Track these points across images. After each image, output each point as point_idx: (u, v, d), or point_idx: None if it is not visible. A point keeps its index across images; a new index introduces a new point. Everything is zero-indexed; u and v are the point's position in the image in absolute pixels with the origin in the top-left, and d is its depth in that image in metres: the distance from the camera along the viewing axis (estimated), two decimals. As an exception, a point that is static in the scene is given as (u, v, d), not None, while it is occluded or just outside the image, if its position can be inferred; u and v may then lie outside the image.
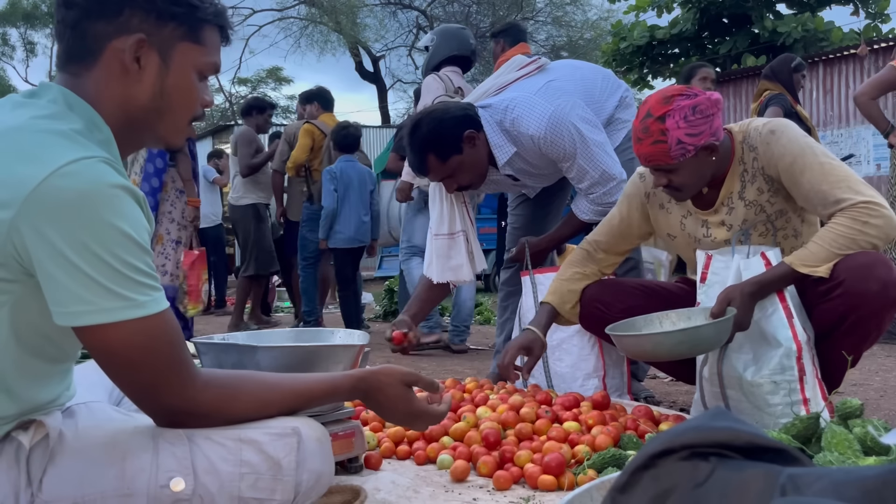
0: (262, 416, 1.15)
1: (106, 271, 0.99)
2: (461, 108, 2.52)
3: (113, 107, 1.10)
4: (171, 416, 1.10)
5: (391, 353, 4.17)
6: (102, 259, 0.99)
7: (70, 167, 0.98)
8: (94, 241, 0.98)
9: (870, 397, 2.67)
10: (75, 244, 0.98)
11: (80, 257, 0.98)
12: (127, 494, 1.06)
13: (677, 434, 0.73)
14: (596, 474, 1.61)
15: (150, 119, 1.14)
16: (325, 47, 18.31)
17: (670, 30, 13.89)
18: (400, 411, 1.27)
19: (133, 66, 1.09)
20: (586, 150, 2.44)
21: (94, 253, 0.98)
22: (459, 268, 2.64)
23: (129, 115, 1.12)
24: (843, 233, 1.77)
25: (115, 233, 1.00)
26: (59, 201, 0.97)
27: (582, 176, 2.48)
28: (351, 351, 1.63)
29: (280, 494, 1.12)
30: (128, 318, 1.01)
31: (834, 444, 1.45)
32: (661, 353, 1.89)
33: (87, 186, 0.98)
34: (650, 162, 1.93)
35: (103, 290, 0.99)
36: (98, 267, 0.99)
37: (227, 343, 1.69)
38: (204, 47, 1.15)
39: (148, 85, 1.11)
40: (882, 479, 0.61)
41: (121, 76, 1.10)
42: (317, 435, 1.17)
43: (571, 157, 2.44)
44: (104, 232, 0.99)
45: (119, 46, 1.09)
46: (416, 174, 2.60)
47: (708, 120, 1.87)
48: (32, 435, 1.06)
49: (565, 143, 2.42)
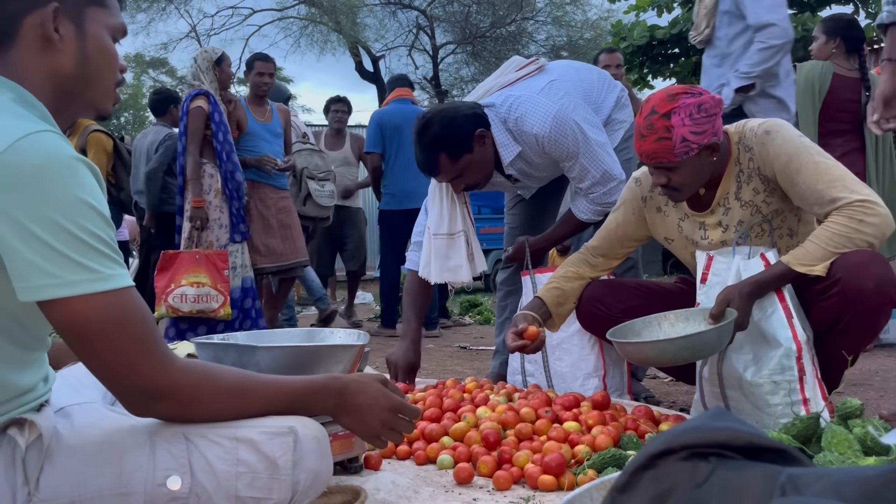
0: (244, 408, 1.14)
1: (71, 242, 0.98)
2: (470, 107, 2.51)
3: (40, 82, 1.10)
4: (147, 400, 1.07)
5: (391, 354, 4.16)
6: (67, 230, 0.98)
7: (22, 142, 0.97)
8: (58, 212, 0.98)
9: (870, 397, 2.67)
10: (38, 217, 0.97)
11: (43, 230, 0.97)
12: (123, 493, 1.06)
13: (677, 434, 0.73)
14: (596, 474, 1.61)
15: (79, 87, 1.14)
16: (325, 47, 18.29)
17: (670, 30, 13.88)
18: (381, 406, 1.24)
19: (55, 36, 1.10)
20: (589, 149, 2.44)
21: (58, 224, 0.97)
22: (458, 268, 2.63)
23: (57, 87, 1.12)
24: (839, 231, 1.78)
25: (79, 203, 0.99)
26: (18, 176, 0.96)
27: (583, 175, 2.48)
28: (351, 351, 1.63)
29: (277, 494, 1.12)
30: (96, 290, 1.00)
31: (834, 444, 1.45)
32: (664, 360, 1.89)
33: (45, 160, 0.98)
34: (653, 159, 1.93)
35: (69, 261, 0.98)
36: (63, 238, 0.98)
37: (226, 343, 1.69)
38: (108, 9, 1.17)
39: (70, 54, 1.12)
40: (882, 479, 0.61)
41: (42, 50, 1.10)
42: (314, 434, 1.17)
43: (574, 156, 2.44)
44: (67, 203, 0.99)
45: (34, 21, 1.09)
46: (424, 174, 2.58)
47: (711, 119, 1.88)
48: (28, 434, 1.05)
49: (569, 142, 2.42)
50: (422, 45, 18.04)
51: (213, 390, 1.12)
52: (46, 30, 1.09)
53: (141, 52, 23.55)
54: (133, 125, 26.07)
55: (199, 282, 3.89)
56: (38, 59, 1.10)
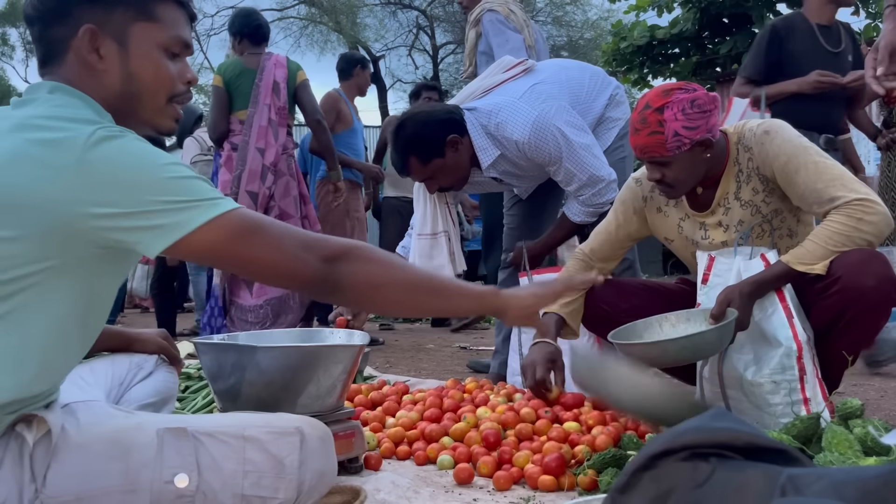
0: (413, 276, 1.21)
1: (181, 186, 1.04)
2: (447, 112, 2.54)
3: (95, 100, 1.12)
4: (330, 266, 1.11)
5: (391, 353, 4.17)
6: (169, 180, 1.04)
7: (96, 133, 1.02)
8: (166, 175, 1.04)
9: (870, 397, 2.66)
10: (139, 189, 1.02)
11: (152, 194, 1.02)
12: (130, 490, 1.06)
13: (677, 435, 0.73)
14: (596, 474, 1.61)
15: (129, 105, 1.15)
16: (325, 47, 18.30)
17: (670, 30, 13.89)
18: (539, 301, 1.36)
19: (92, 57, 1.11)
20: (572, 153, 2.44)
21: (158, 180, 1.03)
22: (441, 268, 2.66)
23: (109, 105, 1.13)
24: (839, 230, 1.78)
25: (161, 158, 1.05)
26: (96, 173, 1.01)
27: (570, 179, 2.48)
28: (351, 351, 1.63)
29: (283, 493, 1.12)
30: (234, 206, 1.07)
31: (834, 445, 1.45)
32: (666, 360, 1.89)
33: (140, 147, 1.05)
34: (645, 153, 1.94)
35: (205, 189, 1.06)
36: (172, 187, 1.03)
37: (226, 343, 1.69)
38: (161, 23, 1.15)
39: (114, 72, 1.13)
40: (882, 479, 0.62)
41: (87, 71, 1.12)
42: (319, 434, 1.17)
43: (557, 161, 2.45)
44: (166, 169, 1.04)
45: (77, 45, 1.11)
46: (398, 174, 2.64)
47: (705, 115, 1.88)
48: (36, 430, 1.06)
49: (550, 147, 2.42)
50: (422, 45, 18.05)
51: (379, 255, 1.19)
52: (83, 52, 1.11)
53: (141, 51, 23.50)
54: (133, 125, 26.06)
55: None
56: (87, 80, 1.12)
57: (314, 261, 1.10)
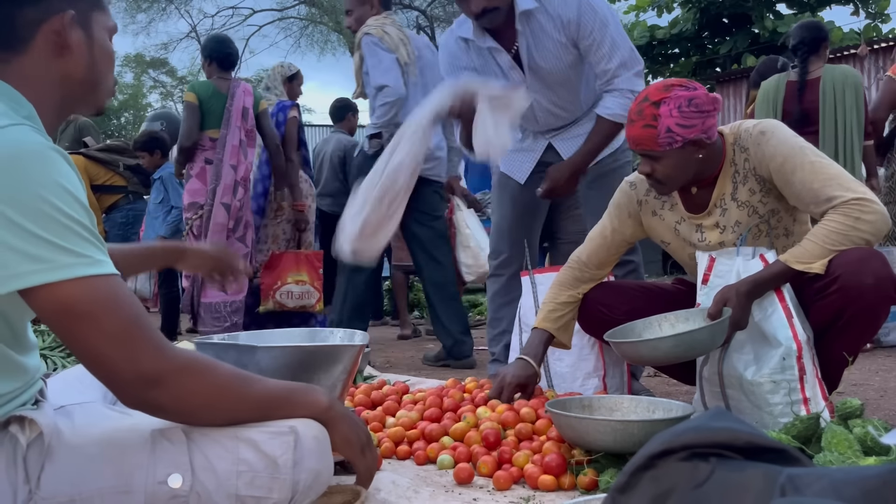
0: (240, 399, 1.13)
1: (54, 227, 0.97)
2: None
3: (49, 86, 1.12)
4: (141, 387, 1.04)
5: (391, 354, 4.17)
6: (48, 215, 0.97)
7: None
8: (37, 198, 0.96)
9: (870, 397, 2.66)
10: (17, 204, 0.95)
11: (24, 217, 0.96)
12: (124, 491, 1.06)
13: (677, 434, 0.73)
14: (596, 474, 1.61)
15: (86, 90, 1.17)
16: (325, 47, 18.32)
17: (670, 30, 13.90)
18: (364, 431, 1.28)
19: (71, 42, 1.12)
20: (617, 23, 2.43)
21: (38, 210, 0.96)
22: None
23: (65, 91, 1.14)
24: (836, 229, 1.78)
25: (58, 189, 0.99)
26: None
27: (613, 51, 2.41)
28: (351, 351, 1.63)
29: (277, 493, 1.12)
30: (86, 273, 0.98)
31: (834, 444, 1.45)
32: (658, 358, 1.90)
33: (17, 149, 0.98)
34: (638, 145, 1.94)
35: (56, 247, 0.97)
36: (45, 223, 0.96)
37: (226, 343, 1.69)
38: (106, 11, 1.20)
39: (81, 60, 1.14)
40: (882, 479, 0.62)
41: (56, 56, 1.12)
42: (314, 433, 1.17)
43: (604, 26, 2.40)
44: (46, 188, 0.98)
45: (50, 28, 1.10)
46: None
47: (702, 116, 1.88)
48: (29, 432, 1.05)
49: (604, 7, 2.42)
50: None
51: (208, 379, 1.10)
52: (63, 37, 1.11)
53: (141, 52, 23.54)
54: (133, 125, 26.07)
55: (301, 279, 4.32)
56: (52, 65, 1.12)
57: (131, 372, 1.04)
